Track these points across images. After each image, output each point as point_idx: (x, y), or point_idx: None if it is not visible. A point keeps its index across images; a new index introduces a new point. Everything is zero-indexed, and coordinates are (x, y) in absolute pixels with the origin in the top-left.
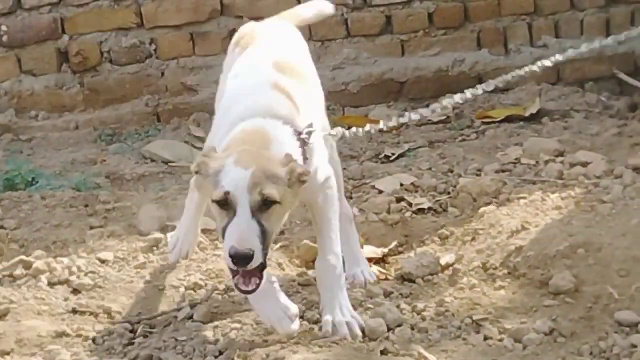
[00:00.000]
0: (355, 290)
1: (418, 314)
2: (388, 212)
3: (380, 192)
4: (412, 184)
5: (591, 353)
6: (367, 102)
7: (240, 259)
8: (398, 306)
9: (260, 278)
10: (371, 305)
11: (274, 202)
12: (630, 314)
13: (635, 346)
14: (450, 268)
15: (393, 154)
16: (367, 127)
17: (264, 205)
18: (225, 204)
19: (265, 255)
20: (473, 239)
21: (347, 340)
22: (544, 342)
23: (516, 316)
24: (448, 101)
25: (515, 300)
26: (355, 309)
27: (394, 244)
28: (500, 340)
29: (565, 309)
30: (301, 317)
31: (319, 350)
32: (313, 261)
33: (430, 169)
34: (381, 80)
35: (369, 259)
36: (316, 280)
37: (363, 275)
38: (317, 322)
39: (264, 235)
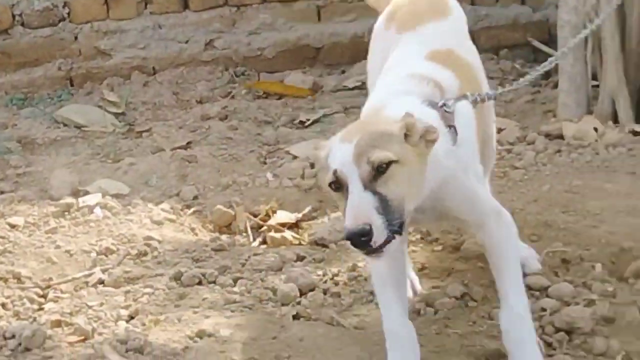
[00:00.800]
0: (268, 255)
1: (331, 279)
2: (302, 177)
3: (295, 157)
4: None
5: None
6: (282, 67)
7: (356, 240)
8: (311, 271)
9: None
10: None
11: (389, 163)
12: (540, 278)
13: (544, 310)
14: None
15: (308, 120)
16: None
17: (377, 172)
18: (339, 185)
19: (394, 226)
20: None
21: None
22: (456, 307)
23: (429, 281)
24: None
25: (428, 265)
26: (267, 275)
27: (308, 209)
28: (413, 305)
29: (477, 273)
30: (213, 282)
31: (231, 315)
32: (227, 226)
33: None
34: (297, 46)
35: (282, 225)
36: (502, 334)
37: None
38: (229, 286)
39: (386, 204)
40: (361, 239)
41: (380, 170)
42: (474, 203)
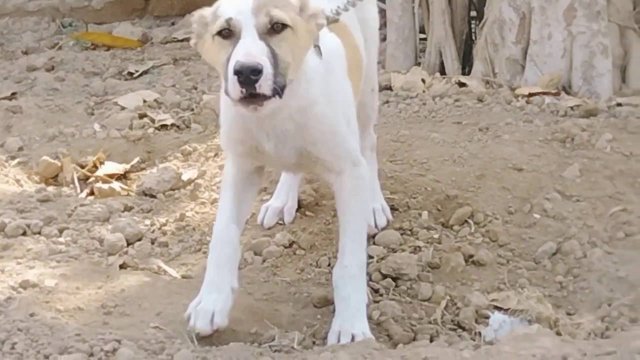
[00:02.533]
0: (95, 206)
1: (159, 229)
2: (130, 128)
3: (123, 108)
4: (155, 100)
5: (329, 265)
6: (111, 19)
7: (246, 73)
8: (138, 221)
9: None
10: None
11: (285, 25)
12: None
13: (372, 257)
14: (192, 183)
15: (137, 71)
16: None
17: (273, 29)
18: (229, 33)
19: (278, 85)
20: (216, 154)
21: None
22: (284, 255)
23: (257, 230)
24: None
25: (257, 215)
26: (94, 225)
27: (136, 160)
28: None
29: (305, 221)
30: (38, 232)
31: (56, 266)
32: (53, 177)
33: (174, 85)
34: None
35: (110, 176)
36: (333, 287)
37: (375, 216)
38: (55, 237)
39: (276, 60)
40: (250, 76)
41: (276, 28)
42: (336, 143)
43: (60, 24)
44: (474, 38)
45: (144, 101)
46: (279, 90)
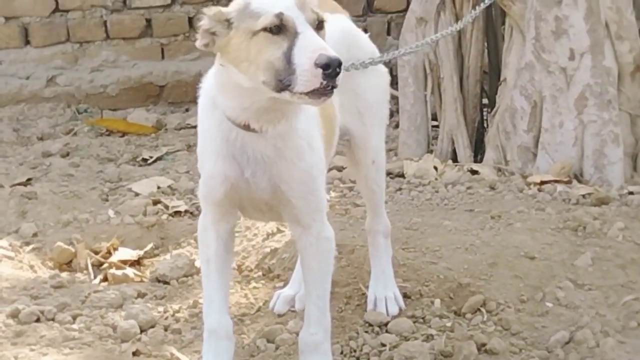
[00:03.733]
0: (109, 292)
1: (172, 316)
2: (144, 214)
3: (137, 194)
4: (169, 186)
5: (342, 352)
6: (126, 105)
7: (335, 65)
8: (152, 308)
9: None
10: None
11: (322, 24)
12: (379, 314)
13: (384, 345)
14: None
15: (151, 157)
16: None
17: (318, 27)
18: (279, 28)
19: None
20: None
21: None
22: (297, 342)
23: (271, 317)
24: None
25: (270, 302)
26: (107, 312)
27: (149, 246)
28: (253, 341)
29: None
30: (52, 319)
31: (69, 353)
32: (67, 263)
33: (187, 172)
34: (140, 84)
35: (124, 262)
36: (299, 353)
37: (386, 304)
38: (68, 323)
39: None
40: (337, 69)
41: (319, 25)
42: (310, 188)
43: (76, 110)
44: (485, 126)
45: (158, 187)
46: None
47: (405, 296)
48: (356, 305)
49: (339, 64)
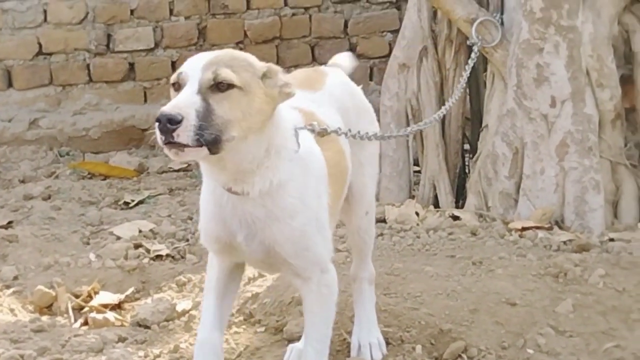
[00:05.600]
0: (89, 336)
1: None
2: (126, 258)
3: (119, 238)
4: (151, 230)
5: None
6: (108, 148)
7: (164, 121)
8: (132, 352)
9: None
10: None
11: (232, 85)
12: None
13: None
14: (187, 314)
15: (133, 201)
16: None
17: (217, 87)
18: (178, 86)
19: (208, 138)
20: None
21: None
22: None
23: None
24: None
25: (251, 347)
26: (88, 356)
27: (130, 290)
28: None
29: None
30: None
31: None
32: (48, 307)
33: (169, 215)
34: (123, 127)
35: (105, 306)
36: None
37: (370, 350)
38: None
39: (209, 116)
40: (167, 124)
41: (221, 87)
42: (306, 246)
43: (58, 152)
44: (467, 171)
45: (140, 231)
46: (208, 142)
47: (387, 342)
48: (337, 351)
49: (169, 120)
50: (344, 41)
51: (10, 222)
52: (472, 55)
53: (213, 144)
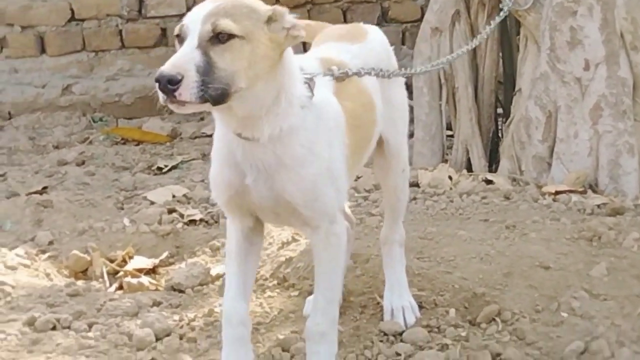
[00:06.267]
0: (124, 300)
1: (187, 324)
2: (160, 223)
3: (152, 203)
4: (184, 195)
5: None
6: (140, 114)
7: (163, 82)
8: (167, 316)
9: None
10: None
11: (232, 36)
12: (394, 324)
13: (399, 354)
14: (221, 279)
15: (166, 166)
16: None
17: (217, 39)
18: (182, 40)
19: (212, 92)
20: None
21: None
22: None
23: (286, 326)
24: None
25: (285, 310)
26: (123, 320)
27: (165, 254)
28: (268, 350)
29: None
30: (68, 327)
31: None
32: (83, 272)
33: (202, 181)
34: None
35: (139, 270)
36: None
37: (403, 313)
38: (84, 331)
39: (211, 70)
40: (167, 85)
41: (221, 39)
42: (315, 196)
43: (91, 118)
44: (500, 136)
45: (173, 196)
46: (213, 97)
47: (420, 306)
48: (371, 315)
49: (168, 80)
50: (375, 5)
51: (44, 188)
52: (501, 13)
53: (219, 98)
